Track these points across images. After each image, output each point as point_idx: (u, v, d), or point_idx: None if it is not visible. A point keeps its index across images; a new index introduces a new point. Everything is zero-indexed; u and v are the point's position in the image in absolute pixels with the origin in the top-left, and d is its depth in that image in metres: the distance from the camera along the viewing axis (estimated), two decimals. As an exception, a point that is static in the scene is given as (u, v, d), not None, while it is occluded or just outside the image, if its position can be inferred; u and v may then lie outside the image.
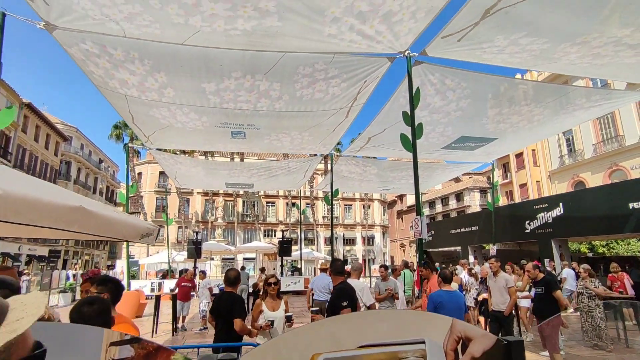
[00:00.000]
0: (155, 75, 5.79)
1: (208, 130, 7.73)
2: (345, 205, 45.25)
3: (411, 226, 5.75)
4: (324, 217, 42.65)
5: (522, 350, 1.19)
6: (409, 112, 5.59)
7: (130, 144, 9.88)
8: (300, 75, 5.91)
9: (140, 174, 37.99)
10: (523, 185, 33.77)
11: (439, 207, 46.73)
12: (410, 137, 5.53)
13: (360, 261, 41.19)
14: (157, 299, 8.64)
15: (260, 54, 5.34)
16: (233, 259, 32.01)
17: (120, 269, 21.45)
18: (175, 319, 8.23)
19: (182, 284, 8.63)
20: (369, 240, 43.86)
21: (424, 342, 1.17)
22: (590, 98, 6.93)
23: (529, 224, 11.88)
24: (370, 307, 4.17)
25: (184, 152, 29.19)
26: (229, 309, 3.37)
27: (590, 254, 19.04)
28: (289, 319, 3.46)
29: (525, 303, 6.83)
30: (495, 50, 5.28)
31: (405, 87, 5.87)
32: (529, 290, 6.73)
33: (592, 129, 25.18)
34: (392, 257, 49.36)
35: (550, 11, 4.43)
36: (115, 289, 2.22)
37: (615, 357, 6.25)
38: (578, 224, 10.73)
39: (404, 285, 6.98)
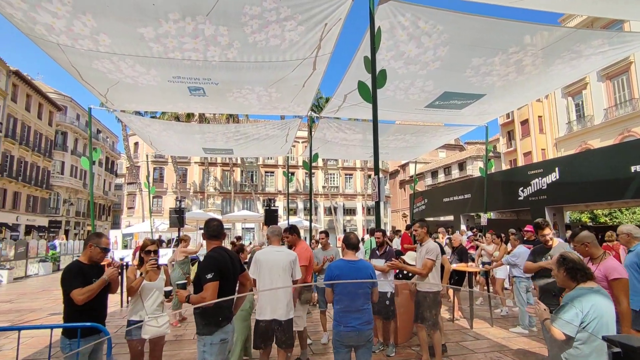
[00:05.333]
0: (81, 17, 5.04)
1: (162, 86, 7.03)
2: (346, 174, 44.68)
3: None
4: (323, 187, 42.22)
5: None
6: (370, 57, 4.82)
7: (93, 107, 9.14)
8: (248, 16, 5.12)
9: (136, 143, 37.53)
10: (527, 154, 32.79)
11: (441, 177, 45.94)
12: (369, 85, 4.77)
13: (361, 232, 41.03)
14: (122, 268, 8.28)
15: (195, -11, 4.55)
16: (230, 228, 31.95)
17: (113, 239, 21.37)
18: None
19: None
20: (369, 210, 43.55)
21: None
22: (590, 43, 6.04)
23: (522, 190, 11.17)
24: (296, 283, 3.60)
25: (177, 117, 28.50)
26: None
27: (591, 224, 18.40)
28: (167, 295, 2.93)
29: (502, 274, 6.28)
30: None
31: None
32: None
33: (605, 92, 23.82)
34: (393, 227, 49.22)
35: None
36: None
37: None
38: (574, 190, 10.00)
39: (365, 255, 6.47)
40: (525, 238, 6.08)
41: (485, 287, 7.10)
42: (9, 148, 28.87)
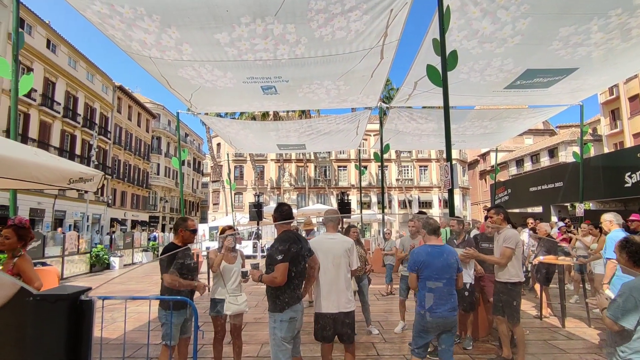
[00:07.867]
0: (167, 31, 5.62)
1: (238, 88, 7.52)
2: (420, 166, 43.14)
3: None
4: (397, 180, 41.33)
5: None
6: (439, 39, 4.61)
7: (181, 111, 10.15)
8: (314, 11, 5.23)
9: (219, 144, 40.60)
10: (639, 135, 28.32)
11: (527, 165, 41.88)
12: (439, 68, 4.56)
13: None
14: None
15: (263, -9, 4.79)
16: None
17: (202, 232, 23.43)
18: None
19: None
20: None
21: None
22: None
23: (629, 176, 9.68)
24: (354, 272, 3.45)
25: (253, 117, 30.23)
26: None
27: None
28: (244, 275, 3.14)
29: (601, 270, 5.51)
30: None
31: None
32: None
33: None
34: (473, 220, 46.31)
35: None
36: None
37: None
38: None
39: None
40: (631, 228, 5.30)
41: (582, 285, 6.35)
42: (117, 153, 33.56)
